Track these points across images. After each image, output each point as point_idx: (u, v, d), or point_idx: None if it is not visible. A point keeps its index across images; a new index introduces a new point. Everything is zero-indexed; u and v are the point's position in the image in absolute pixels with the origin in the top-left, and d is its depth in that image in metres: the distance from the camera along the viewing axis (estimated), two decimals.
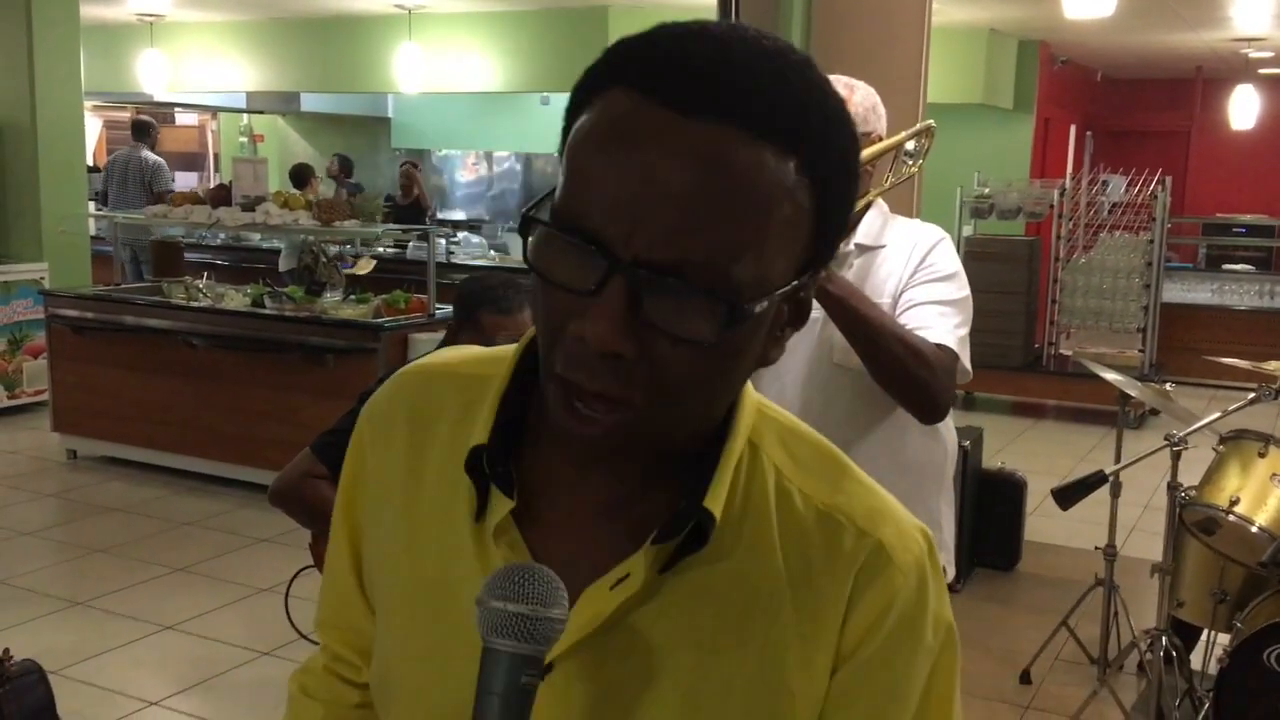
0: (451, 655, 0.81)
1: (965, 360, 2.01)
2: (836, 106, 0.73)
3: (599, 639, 0.78)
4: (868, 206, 2.11)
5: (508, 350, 0.86)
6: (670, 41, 0.70)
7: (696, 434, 0.78)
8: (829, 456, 0.84)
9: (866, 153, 2.03)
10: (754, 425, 0.82)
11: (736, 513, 0.79)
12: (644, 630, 0.78)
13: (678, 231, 0.67)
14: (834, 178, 0.72)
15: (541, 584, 0.70)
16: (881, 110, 2.12)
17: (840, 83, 2.10)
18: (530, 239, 0.71)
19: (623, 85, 0.69)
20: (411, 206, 10.05)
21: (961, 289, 2.06)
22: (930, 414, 2.00)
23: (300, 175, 9.27)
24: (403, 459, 0.88)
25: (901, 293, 2.05)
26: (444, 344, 3.04)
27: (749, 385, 0.82)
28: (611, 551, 0.78)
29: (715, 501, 0.77)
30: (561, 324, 0.70)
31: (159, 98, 11.73)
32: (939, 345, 1.96)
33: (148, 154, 9.16)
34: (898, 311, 2.03)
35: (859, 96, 2.08)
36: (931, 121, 2.22)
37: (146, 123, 9.52)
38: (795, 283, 0.73)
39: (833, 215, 0.73)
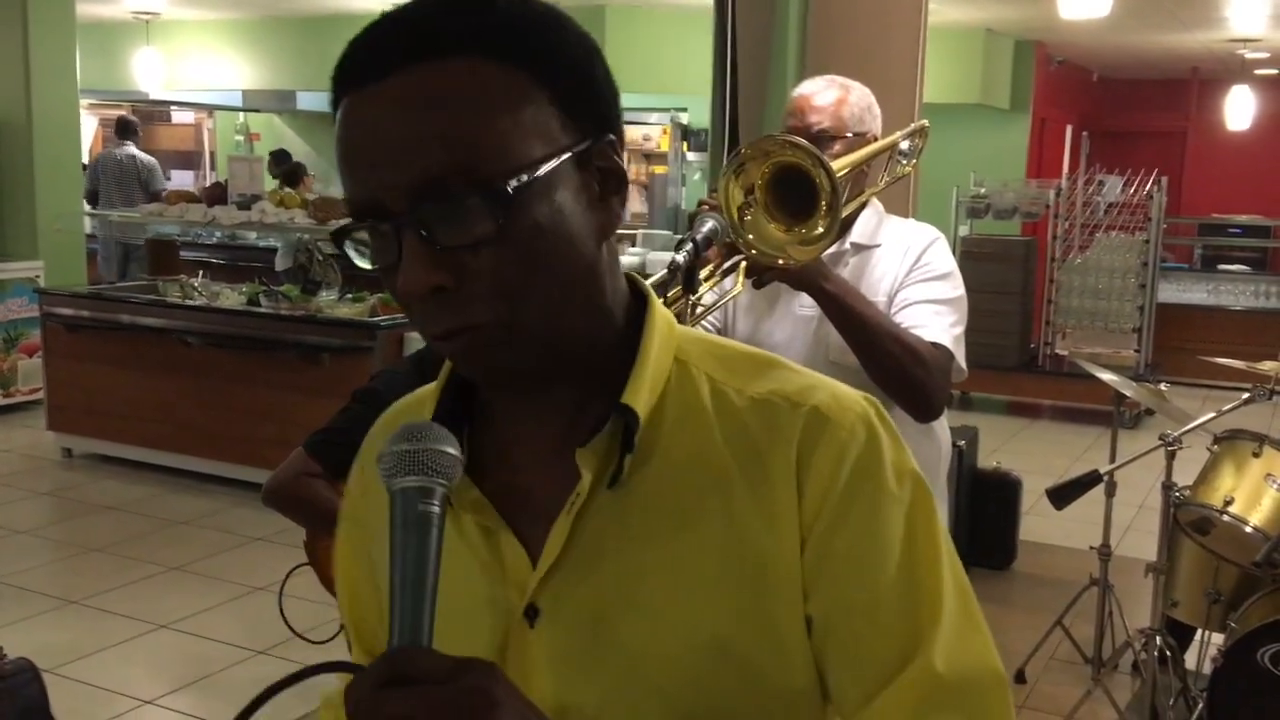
0: (446, 636, 0.82)
1: (960, 359, 2.02)
2: (526, 6, 0.79)
3: (572, 564, 0.82)
4: (863, 206, 2.11)
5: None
6: (349, 45, 0.79)
7: (590, 334, 0.82)
8: (761, 359, 0.88)
9: (862, 154, 2.03)
10: (679, 346, 0.87)
11: (673, 418, 0.83)
12: (609, 543, 0.82)
13: (411, 162, 0.73)
14: (557, 62, 0.77)
15: (429, 430, 0.74)
16: (877, 111, 2.12)
17: (835, 83, 2.10)
18: (348, 250, 0.80)
19: (340, 96, 0.78)
20: None
21: (956, 288, 2.06)
22: (925, 412, 2.00)
23: (292, 174, 9.25)
24: (377, 511, 0.92)
25: (896, 292, 2.05)
26: (439, 357, 3.00)
27: (663, 309, 0.87)
28: (567, 487, 0.82)
29: (635, 397, 0.81)
30: (403, 296, 0.77)
31: (155, 96, 11.72)
32: (934, 344, 1.97)
33: (140, 153, 9.14)
34: (893, 310, 2.03)
35: (854, 97, 2.09)
36: (925, 121, 2.22)
37: (132, 121, 9.51)
38: (565, 152, 0.77)
39: (578, 92, 0.78)
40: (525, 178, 0.74)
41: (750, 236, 1.81)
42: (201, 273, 7.10)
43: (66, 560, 4.97)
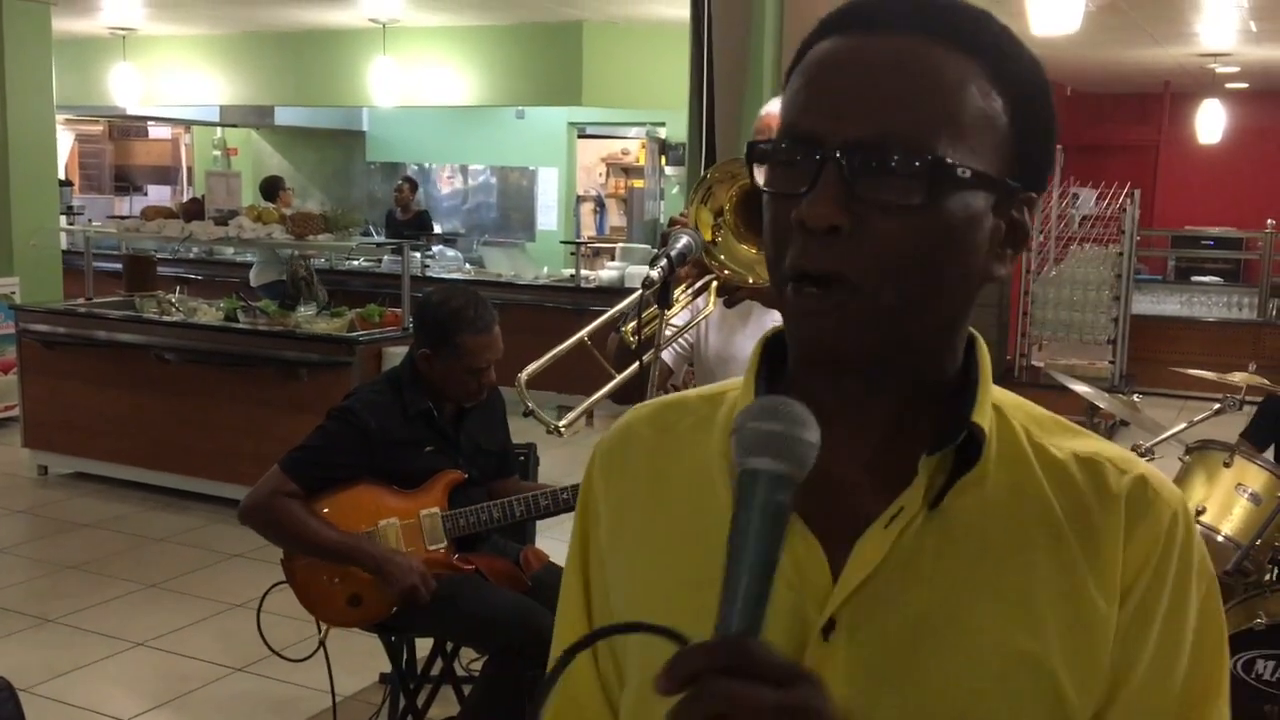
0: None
1: None
2: (1015, 38, 0.81)
3: (885, 580, 0.79)
4: None
5: (729, 383, 0.92)
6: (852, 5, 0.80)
7: (939, 351, 0.82)
8: (1068, 424, 0.88)
9: None
10: (995, 395, 0.86)
11: (995, 454, 0.82)
12: (927, 561, 0.80)
13: (877, 109, 0.74)
14: (1025, 93, 0.79)
15: (794, 410, 0.72)
16: None
17: None
18: (755, 165, 0.80)
19: (821, 37, 0.80)
20: (411, 221, 10.07)
21: None
22: None
23: (270, 188, 9.24)
24: (643, 484, 0.90)
25: None
26: (414, 372, 3.01)
27: (982, 342, 0.86)
28: (879, 499, 0.81)
29: (982, 416, 0.81)
30: (787, 226, 0.77)
31: (132, 111, 11.68)
32: None
33: None
34: None
35: None
36: None
37: None
38: (1005, 180, 0.78)
39: (1032, 135, 0.80)
40: (968, 173, 0.75)
41: (722, 257, 1.83)
42: (179, 288, 7.08)
43: (42, 578, 4.94)
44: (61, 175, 9.37)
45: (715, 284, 1.91)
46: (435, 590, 2.83)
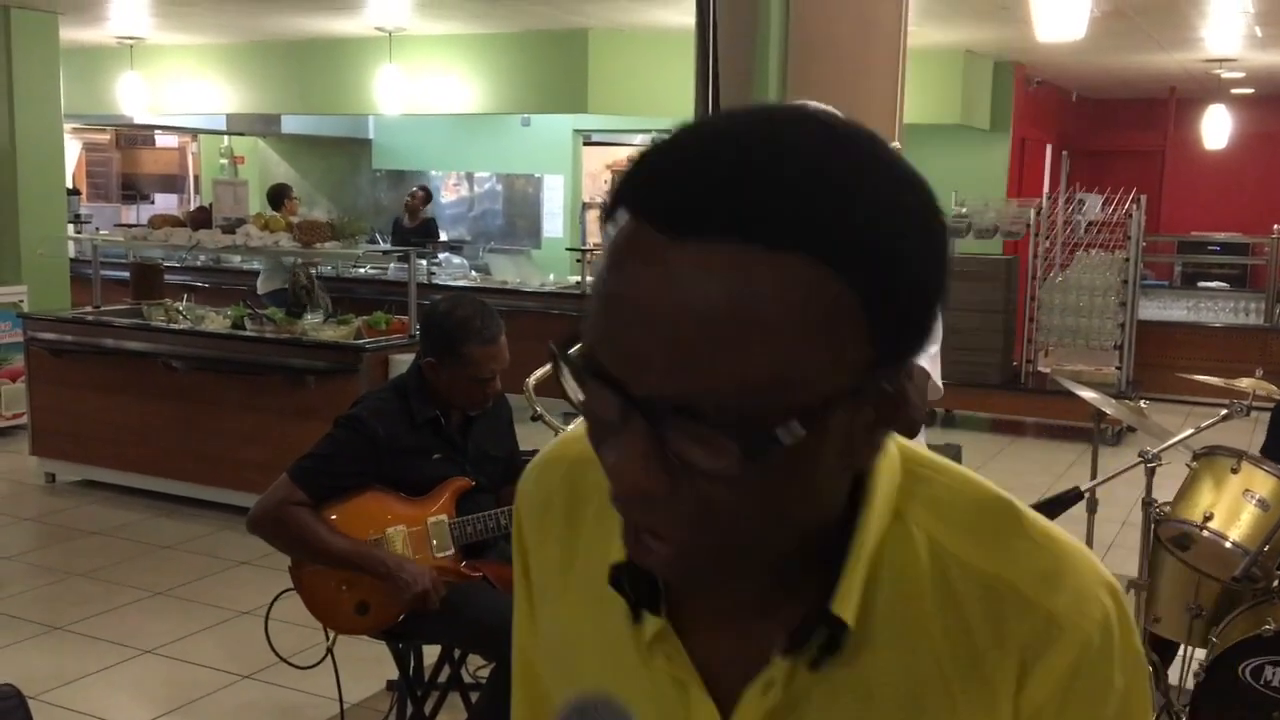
0: None
1: (936, 377, 2.06)
2: (875, 189, 0.64)
3: None
4: None
5: None
6: (658, 156, 0.66)
7: (804, 539, 0.72)
8: (994, 511, 0.77)
9: None
10: (900, 494, 0.76)
11: (886, 597, 0.74)
12: None
13: (679, 368, 0.62)
14: (877, 267, 0.63)
15: (604, 712, 0.70)
16: None
17: (808, 108, 2.15)
18: (565, 372, 0.68)
19: (626, 207, 0.65)
20: (417, 229, 10.09)
21: None
22: (904, 433, 2.05)
23: (277, 195, 9.26)
24: (556, 555, 0.87)
25: None
26: (420, 380, 3.02)
27: (893, 451, 0.77)
28: (767, 648, 0.75)
29: (844, 605, 0.72)
30: (603, 431, 0.67)
31: (139, 120, 11.71)
32: None
33: None
34: None
35: None
36: (896, 143, 2.26)
37: None
38: (858, 388, 0.64)
39: (901, 307, 0.64)
40: (798, 428, 0.62)
41: None
42: (186, 296, 7.10)
43: (51, 586, 4.95)
44: (69, 184, 9.38)
45: None
46: (443, 597, 2.83)
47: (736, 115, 0.66)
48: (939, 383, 2.07)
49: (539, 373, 2.86)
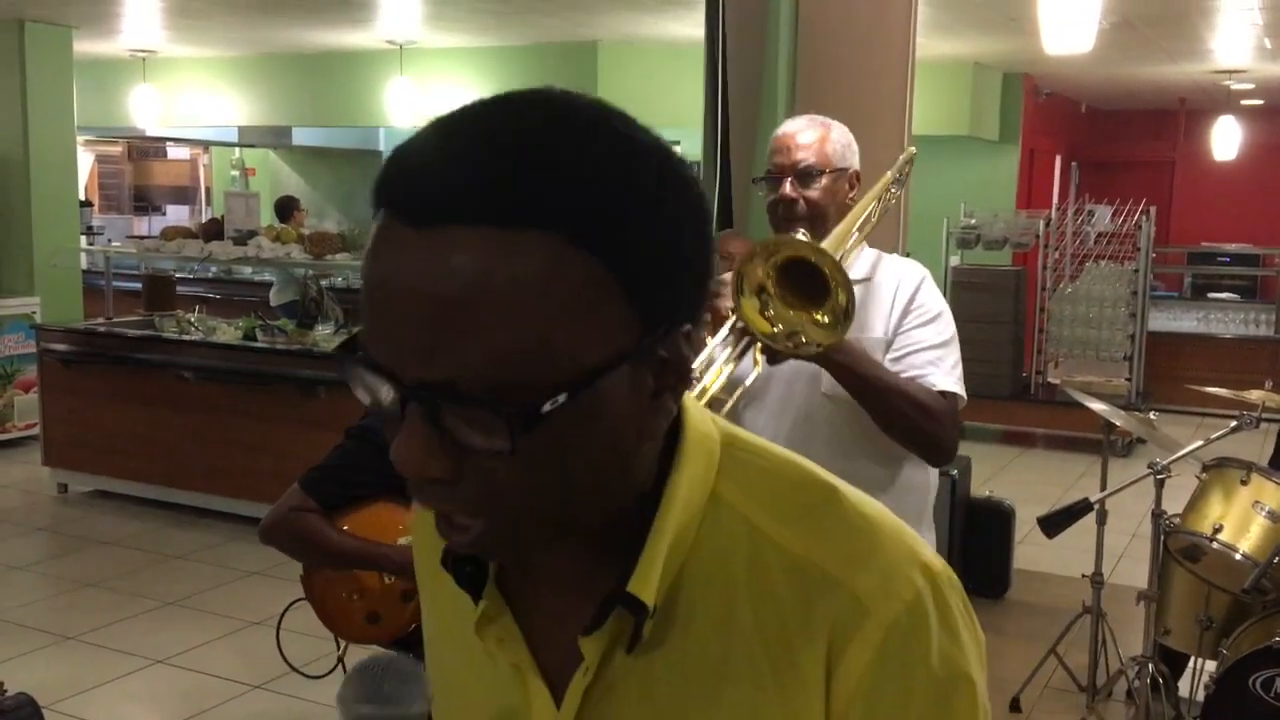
0: None
1: (961, 393, 2.09)
2: (600, 162, 0.65)
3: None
4: (857, 247, 2.16)
5: None
6: (399, 153, 0.68)
7: (615, 515, 0.73)
8: (811, 489, 0.77)
9: (848, 220, 2.08)
10: (718, 474, 0.76)
11: (703, 576, 0.74)
12: (628, 711, 0.76)
13: (434, 350, 0.64)
14: (614, 237, 0.65)
15: (396, 680, 0.71)
16: (855, 148, 2.19)
17: (816, 122, 2.17)
18: (350, 375, 0.69)
19: (378, 202, 0.68)
20: None
21: (950, 325, 2.13)
22: (939, 459, 2.11)
23: (284, 207, 9.30)
24: (429, 580, 0.91)
25: (894, 336, 2.10)
26: None
27: (713, 433, 0.77)
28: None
29: (643, 585, 0.72)
30: (393, 446, 0.69)
31: (151, 132, 11.79)
32: (942, 393, 2.04)
33: None
34: (893, 355, 2.08)
35: (835, 134, 2.15)
36: (911, 149, 2.27)
37: None
38: (624, 356, 0.66)
39: (650, 269, 0.66)
40: (563, 399, 0.64)
41: (780, 328, 1.84)
42: (198, 308, 7.13)
43: (63, 596, 4.97)
44: (82, 196, 9.45)
45: (758, 345, 1.91)
46: None
47: (470, 107, 0.69)
48: (963, 394, 2.08)
49: None
